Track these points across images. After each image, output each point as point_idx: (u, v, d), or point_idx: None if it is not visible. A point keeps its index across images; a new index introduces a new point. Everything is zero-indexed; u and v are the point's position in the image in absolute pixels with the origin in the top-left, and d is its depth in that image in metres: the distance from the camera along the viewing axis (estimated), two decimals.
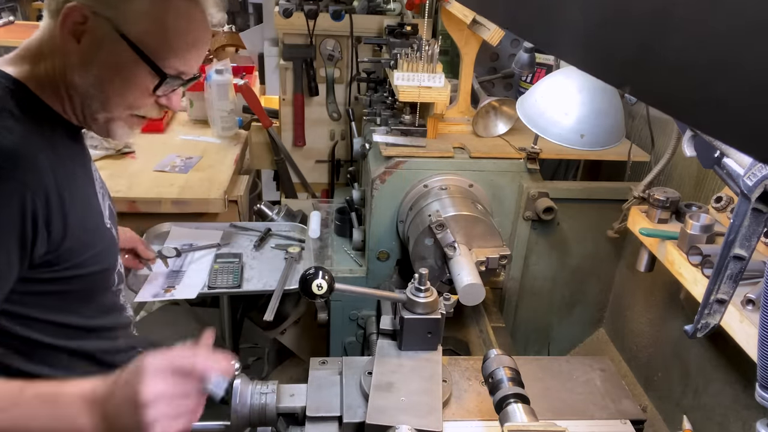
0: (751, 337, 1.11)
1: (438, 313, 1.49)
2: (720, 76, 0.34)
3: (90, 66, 1.04)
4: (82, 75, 1.05)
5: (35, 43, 1.09)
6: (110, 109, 1.10)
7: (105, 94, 1.07)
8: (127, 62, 1.04)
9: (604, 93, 1.68)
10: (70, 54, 1.04)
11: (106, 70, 1.05)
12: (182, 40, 1.08)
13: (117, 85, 1.07)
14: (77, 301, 1.19)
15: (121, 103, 1.10)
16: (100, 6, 1.01)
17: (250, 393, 1.37)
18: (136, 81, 1.07)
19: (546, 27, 0.54)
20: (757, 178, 0.97)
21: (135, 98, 1.10)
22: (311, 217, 2.38)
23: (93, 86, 1.06)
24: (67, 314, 1.17)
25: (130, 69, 1.05)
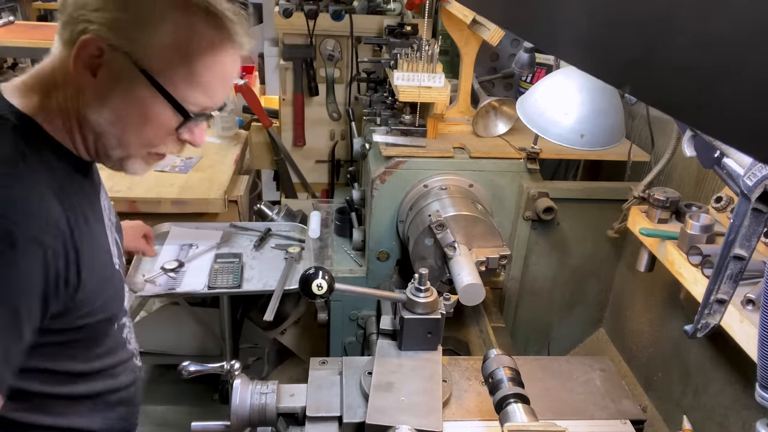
0: (751, 337, 1.11)
1: (438, 313, 1.49)
2: (720, 77, 0.34)
3: (106, 101, 0.96)
4: (97, 111, 0.96)
5: (47, 72, 1.00)
6: (127, 147, 1.01)
7: (122, 131, 0.99)
8: (146, 99, 0.96)
9: (604, 93, 1.68)
10: (85, 88, 0.95)
11: (124, 106, 0.96)
12: (209, 73, 0.98)
13: (135, 123, 0.98)
14: (81, 348, 1.10)
15: (138, 141, 1.01)
16: (118, 38, 0.91)
17: (250, 393, 1.37)
18: (157, 119, 0.98)
19: (546, 27, 0.54)
20: (757, 178, 0.97)
21: (155, 136, 1.01)
22: (311, 217, 2.38)
23: (109, 123, 0.97)
24: (68, 361, 1.08)
25: (149, 106, 0.97)
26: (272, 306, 2.01)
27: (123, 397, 1.23)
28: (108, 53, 0.92)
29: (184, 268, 2.17)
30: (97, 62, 0.93)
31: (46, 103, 0.98)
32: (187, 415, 1.84)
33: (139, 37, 0.92)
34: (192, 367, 1.41)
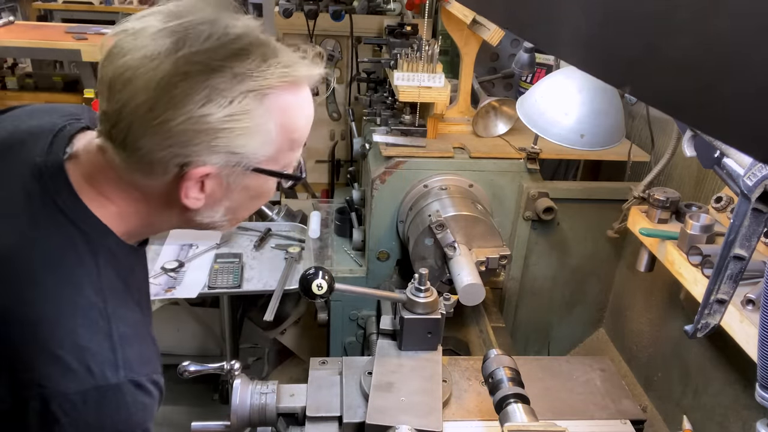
0: (751, 337, 1.11)
1: (438, 313, 1.49)
2: (721, 77, 0.34)
3: (220, 204, 0.91)
4: (210, 215, 0.92)
5: (119, 187, 0.88)
6: (238, 221, 0.99)
7: (235, 216, 0.96)
8: (259, 184, 0.92)
9: (604, 93, 1.68)
10: (192, 206, 0.88)
11: (238, 199, 0.92)
12: (302, 129, 0.93)
13: (248, 205, 0.96)
14: None
15: (251, 211, 1.01)
16: (223, 158, 0.83)
17: (250, 393, 1.37)
18: (268, 192, 0.96)
19: (546, 27, 0.54)
20: (757, 178, 0.97)
21: (264, 200, 0.99)
22: (311, 217, 2.38)
23: (221, 216, 0.93)
24: None
25: (262, 187, 0.93)
26: (272, 306, 2.01)
27: None
28: (216, 171, 0.85)
29: (184, 268, 2.17)
30: (204, 180, 0.86)
31: (123, 212, 0.89)
32: (187, 415, 1.84)
33: (247, 147, 0.85)
34: (192, 367, 1.41)
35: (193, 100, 0.78)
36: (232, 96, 0.80)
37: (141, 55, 0.79)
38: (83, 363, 0.79)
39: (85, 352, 0.79)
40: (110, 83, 0.81)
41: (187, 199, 0.86)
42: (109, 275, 0.86)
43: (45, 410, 0.77)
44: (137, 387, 0.84)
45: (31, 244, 0.82)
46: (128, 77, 0.79)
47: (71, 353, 0.78)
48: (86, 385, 0.79)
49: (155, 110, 0.78)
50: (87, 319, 0.81)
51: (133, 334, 0.87)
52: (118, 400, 0.82)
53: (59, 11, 5.18)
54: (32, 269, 0.81)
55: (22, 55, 3.75)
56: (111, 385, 0.81)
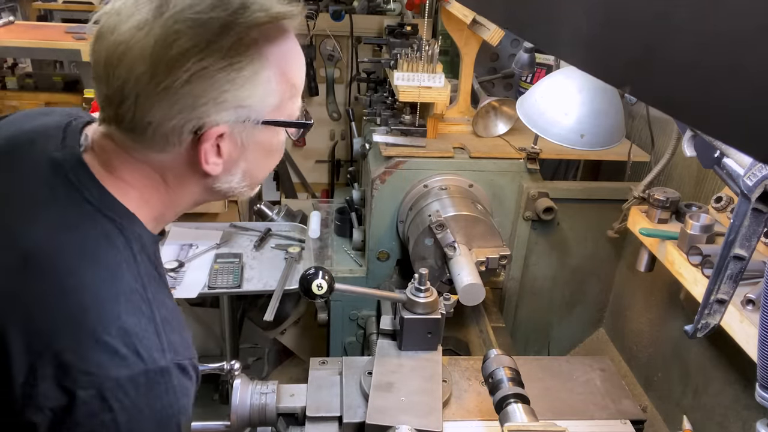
0: (751, 337, 1.11)
1: (438, 313, 1.49)
2: (720, 77, 0.34)
3: (235, 167, 0.92)
4: (228, 179, 0.92)
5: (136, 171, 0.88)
6: (256, 184, 1.00)
7: (254, 177, 0.96)
8: (269, 137, 0.93)
9: (604, 93, 1.68)
10: (213, 172, 0.89)
11: (254, 158, 0.93)
12: (299, 73, 0.94)
13: (265, 162, 0.97)
14: None
15: (267, 172, 1.00)
16: (233, 114, 0.85)
17: (250, 393, 1.37)
18: (279, 143, 0.97)
19: (546, 27, 0.54)
20: (757, 178, 0.97)
21: (277, 158, 1.00)
22: (311, 217, 2.38)
23: (240, 179, 0.94)
24: None
25: (272, 140, 0.94)
26: (272, 306, 2.01)
27: None
28: (228, 131, 0.86)
29: (184, 268, 2.17)
30: (219, 142, 0.87)
31: (147, 196, 0.90)
32: None
33: (252, 99, 0.86)
34: None
35: (190, 56, 0.79)
36: (225, 45, 0.81)
37: (129, 27, 0.79)
38: (132, 348, 0.78)
39: (132, 336, 0.79)
40: (105, 64, 0.81)
41: (208, 165, 0.86)
42: (144, 261, 0.86)
43: (96, 399, 0.76)
44: (182, 370, 0.84)
45: (64, 237, 0.82)
46: (122, 51, 0.79)
47: (119, 338, 0.78)
48: (136, 370, 0.78)
49: (157, 76, 0.78)
50: (130, 304, 0.81)
51: (173, 319, 0.87)
52: (167, 383, 0.81)
53: (59, 11, 5.17)
54: (69, 261, 0.80)
55: (22, 55, 3.75)
56: (160, 368, 0.80)
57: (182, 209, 0.97)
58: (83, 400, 0.75)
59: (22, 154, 0.90)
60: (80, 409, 0.75)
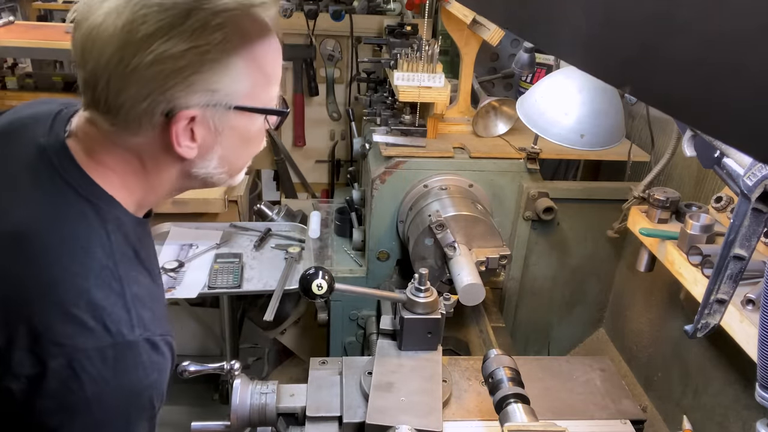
0: (751, 337, 1.11)
1: (438, 313, 1.49)
2: (720, 77, 0.34)
3: (210, 152, 0.94)
4: (205, 165, 0.95)
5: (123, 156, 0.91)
6: (237, 172, 1.02)
7: (231, 164, 0.99)
8: (245, 124, 0.95)
9: (604, 93, 1.68)
10: (188, 156, 0.92)
11: (228, 144, 0.95)
12: (272, 63, 0.97)
13: (241, 150, 0.99)
14: None
15: (246, 160, 1.03)
16: (206, 98, 0.88)
17: (250, 393, 1.37)
18: (256, 132, 0.99)
19: (546, 27, 0.54)
20: (757, 178, 0.97)
21: (256, 146, 1.02)
22: (311, 217, 2.38)
23: (217, 166, 0.97)
24: None
25: (248, 127, 0.96)
26: (272, 306, 2.01)
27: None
28: (200, 115, 0.89)
29: (184, 268, 2.17)
30: (192, 126, 0.89)
31: (124, 181, 0.93)
32: (187, 415, 1.84)
33: (222, 84, 0.88)
34: (192, 367, 1.41)
35: (155, 39, 0.82)
36: (190, 28, 0.83)
37: (102, 12, 0.83)
38: (100, 321, 0.82)
39: (100, 311, 0.82)
40: (82, 48, 0.85)
41: (180, 148, 0.89)
42: (118, 240, 0.89)
43: (65, 368, 0.79)
44: (152, 346, 0.87)
45: (41, 216, 0.86)
46: (95, 36, 0.83)
47: (87, 312, 0.81)
48: (104, 342, 0.82)
49: (125, 59, 0.82)
50: (99, 280, 0.84)
51: (146, 296, 0.89)
52: (135, 358, 0.84)
53: (59, 11, 5.17)
54: (45, 239, 0.84)
55: (22, 55, 3.74)
56: (128, 342, 0.83)
57: (164, 193, 0.99)
58: (54, 370, 0.79)
59: (12, 140, 0.95)
60: (51, 378, 0.79)
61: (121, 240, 0.90)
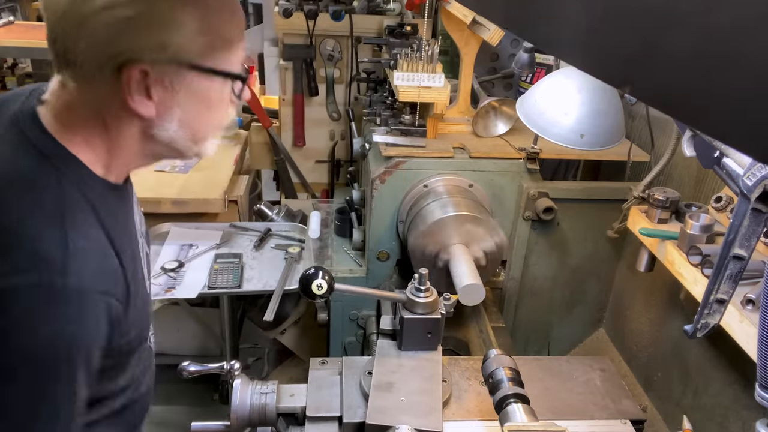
0: (751, 337, 1.11)
1: (438, 313, 1.49)
2: (720, 77, 0.34)
3: (169, 113, 0.95)
4: (165, 126, 0.97)
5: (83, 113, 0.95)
6: (200, 139, 1.02)
7: (192, 129, 0.99)
8: (204, 87, 0.96)
9: (604, 93, 1.68)
10: (146, 114, 0.93)
11: (187, 107, 0.96)
12: (231, 27, 0.98)
13: (202, 115, 1.00)
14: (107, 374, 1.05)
15: (209, 127, 1.03)
16: (156, 53, 0.90)
17: (250, 393, 1.37)
18: (217, 98, 1.00)
19: (546, 27, 0.54)
20: (756, 178, 0.97)
21: (220, 114, 1.03)
22: (311, 217, 2.38)
23: (178, 129, 0.98)
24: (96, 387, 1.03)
25: (209, 92, 0.97)
26: (272, 306, 2.01)
27: (142, 402, 1.19)
28: (153, 70, 0.90)
29: (184, 268, 2.17)
30: (147, 83, 0.91)
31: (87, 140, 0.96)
32: (187, 415, 1.84)
33: (172, 40, 0.90)
34: (192, 367, 1.41)
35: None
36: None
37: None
38: (34, 264, 0.84)
39: (36, 255, 0.85)
40: (45, 4, 0.89)
41: (134, 102, 0.91)
42: (73, 195, 0.91)
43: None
44: (82, 298, 0.88)
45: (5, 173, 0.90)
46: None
47: (22, 253, 0.85)
48: (31, 281, 0.84)
49: (72, 12, 0.85)
50: (46, 230, 0.87)
51: (93, 251, 0.91)
52: (63, 306, 0.86)
53: None
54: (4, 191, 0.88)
55: (22, 55, 3.75)
56: (56, 288, 0.85)
57: (132, 156, 1.00)
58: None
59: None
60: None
61: (76, 195, 0.92)
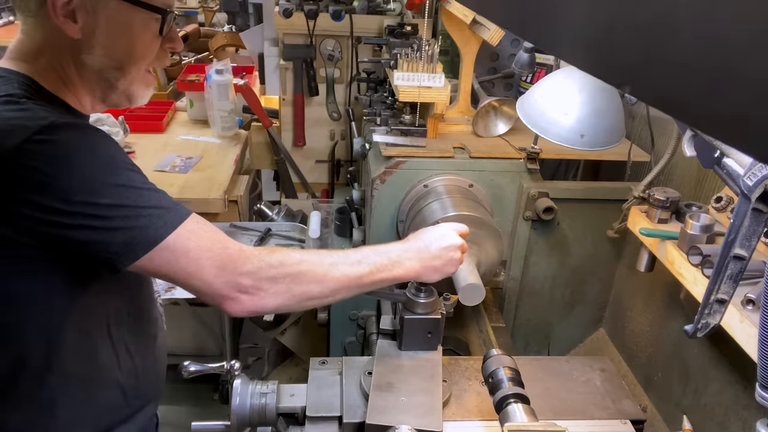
0: (751, 337, 1.11)
1: (438, 313, 1.49)
2: (720, 77, 0.34)
3: (95, 39, 1.05)
4: (91, 50, 1.06)
5: (27, 45, 1.08)
6: (126, 71, 1.11)
7: (117, 58, 1.09)
8: (126, 18, 1.06)
9: (604, 93, 1.68)
10: (72, 37, 1.04)
11: (111, 34, 1.06)
12: None
13: (126, 45, 1.09)
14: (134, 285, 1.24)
15: (134, 60, 1.11)
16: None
17: (250, 393, 1.37)
18: (141, 32, 1.09)
19: (546, 27, 0.54)
20: (757, 178, 0.97)
21: (144, 47, 1.11)
22: (311, 217, 2.38)
23: (104, 56, 1.07)
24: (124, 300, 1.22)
25: (131, 23, 1.07)
26: None
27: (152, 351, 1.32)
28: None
29: None
30: (71, 7, 1.01)
31: (40, 67, 1.07)
32: (187, 415, 1.84)
33: None
34: (192, 367, 1.41)
35: None
36: None
37: None
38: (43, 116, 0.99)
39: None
40: None
41: (58, 19, 1.01)
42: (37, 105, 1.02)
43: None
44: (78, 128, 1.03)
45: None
46: None
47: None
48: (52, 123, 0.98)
49: None
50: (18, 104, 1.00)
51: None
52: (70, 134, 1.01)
53: None
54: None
55: None
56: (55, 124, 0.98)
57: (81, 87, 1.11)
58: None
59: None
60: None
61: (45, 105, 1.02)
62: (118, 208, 1.00)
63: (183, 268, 1.05)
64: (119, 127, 2.76)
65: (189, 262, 1.05)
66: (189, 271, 1.06)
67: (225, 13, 5.28)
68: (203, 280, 1.07)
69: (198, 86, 3.13)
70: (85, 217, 0.98)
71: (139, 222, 1.01)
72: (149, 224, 1.02)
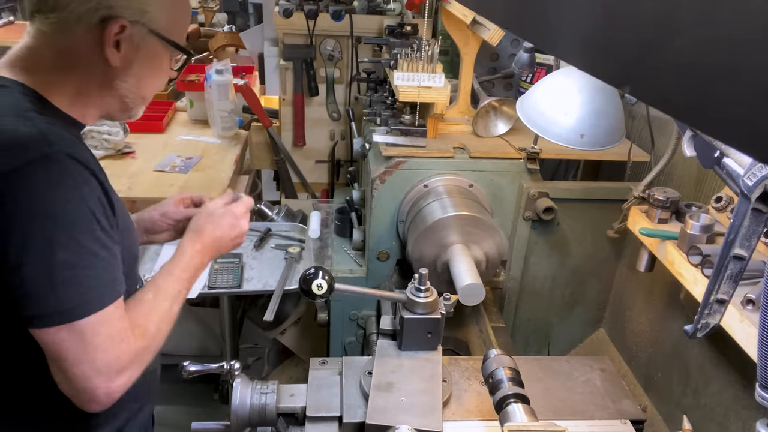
0: (751, 337, 1.11)
1: (438, 313, 1.49)
2: (720, 77, 0.34)
3: (131, 68, 1.11)
4: (126, 80, 1.12)
5: (52, 54, 1.08)
6: (144, 100, 1.20)
7: (144, 89, 1.17)
8: (161, 54, 1.15)
9: (604, 93, 1.68)
10: (113, 62, 1.08)
11: (145, 67, 1.13)
12: (186, 16, 1.22)
13: (154, 78, 1.18)
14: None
15: (153, 91, 1.21)
16: (136, 14, 1.07)
17: (250, 393, 1.37)
18: (165, 67, 1.19)
19: (546, 27, 0.54)
20: (757, 178, 0.97)
21: (161, 80, 1.21)
22: (311, 217, 2.38)
23: (134, 86, 1.14)
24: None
25: (163, 59, 1.16)
26: (272, 306, 2.01)
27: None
28: (129, 28, 1.06)
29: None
30: (119, 37, 1.06)
31: (56, 80, 1.08)
32: (187, 415, 1.84)
33: (150, 8, 1.08)
34: (192, 367, 1.41)
35: None
36: None
37: None
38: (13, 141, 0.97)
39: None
40: None
41: (108, 49, 1.05)
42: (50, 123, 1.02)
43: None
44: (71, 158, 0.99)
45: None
46: None
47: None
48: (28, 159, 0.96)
49: None
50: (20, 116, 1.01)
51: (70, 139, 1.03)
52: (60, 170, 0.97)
53: None
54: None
55: None
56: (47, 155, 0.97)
57: (91, 101, 1.13)
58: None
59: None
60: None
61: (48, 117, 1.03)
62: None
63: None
64: (119, 127, 2.76)
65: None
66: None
67: (225, 13, 5.28)
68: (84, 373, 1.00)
69: (198, 86, 3.13)
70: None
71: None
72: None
